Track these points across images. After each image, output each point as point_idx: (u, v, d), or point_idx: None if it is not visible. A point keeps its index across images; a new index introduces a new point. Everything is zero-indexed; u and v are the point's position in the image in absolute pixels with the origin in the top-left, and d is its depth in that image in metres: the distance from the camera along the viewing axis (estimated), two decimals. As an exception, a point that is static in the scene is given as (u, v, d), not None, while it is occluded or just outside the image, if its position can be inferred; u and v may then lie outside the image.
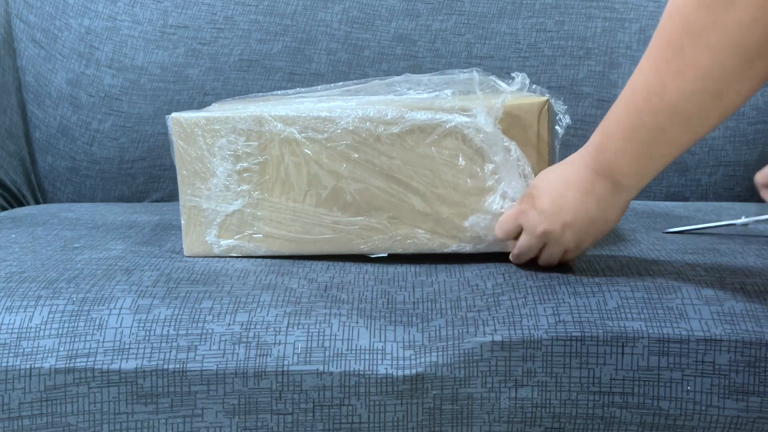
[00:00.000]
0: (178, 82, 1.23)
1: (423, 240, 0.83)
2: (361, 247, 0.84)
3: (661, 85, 0.63)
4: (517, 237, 0.79)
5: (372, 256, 0.85)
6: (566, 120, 0.83)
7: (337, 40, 1.25)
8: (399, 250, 0.83)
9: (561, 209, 0.73)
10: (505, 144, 0.79)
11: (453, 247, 0.83)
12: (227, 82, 1.23)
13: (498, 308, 0.73)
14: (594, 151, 0.71)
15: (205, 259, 0.85)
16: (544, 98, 0.80)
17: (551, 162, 0.82)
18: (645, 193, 1.24)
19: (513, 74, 0.83)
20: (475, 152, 0.80)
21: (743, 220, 0.94)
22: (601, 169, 0.71)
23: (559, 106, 0.83)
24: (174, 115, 0.84)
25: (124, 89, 1.24)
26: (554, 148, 0.83)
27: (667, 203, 1.18)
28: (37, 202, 1.27)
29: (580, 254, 0.78)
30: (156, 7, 1.25)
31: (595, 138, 0.71)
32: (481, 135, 0.79)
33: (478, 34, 1.25)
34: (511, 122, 0.79)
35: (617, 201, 0.72)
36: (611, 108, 0.70)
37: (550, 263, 0.79)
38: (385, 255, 0.84)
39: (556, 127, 0.83)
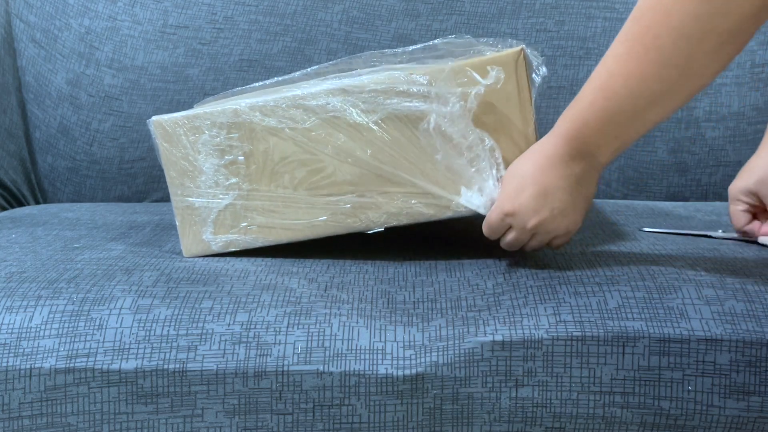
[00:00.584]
0: (178, 82, 1.23)
1: (417, 210, 0.81)
2: (357, 225, 0.82)
3: (639, 71, 0.68)
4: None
5: (369, 232, 0.83)
6: (543, 70, 0.82)
7: (337, 40, 1.25)
8: (394, 223, 0.82)
9: (546, 199, 0.75)
10: (479, 135, 0.79)
11: (449, 213, 0.81)
12: (227, 82, 1.23)
13: (498, 308, 0.73)
14: (568, 138, 0.74)
15: (205, 259, 0.85)
16: (518, 48, 0.79)
17: (535, 113, 0.81)
18: (645, 193, 1.24)
19: (489, 68, 0.81)
20: (450, 141, 0.80)
21: (721, 234, 0.94)
22: (578, 154, 0.74)
23: (535, 57, 0.82)
24: (154, 118, 0.83)
25: (124, 89, 1.24)
26: (533, 99, 0.83)
27: (667, 203, 1.18)
28: (37, 202, 1.27)
29: (568, 240, 0.79)
30: (156, 7, 1.25)
31: (566, 125, 0.74)
32: (455, 126, 0.79)
33: (478, 34, 1.25)
34: None
35: (595, 176, 0.76)
36: (581, 94, 0.73)
37: (538, 249, 0.81)
38: (382, 230, 0.83)
39: (534, 75, 0.82)
